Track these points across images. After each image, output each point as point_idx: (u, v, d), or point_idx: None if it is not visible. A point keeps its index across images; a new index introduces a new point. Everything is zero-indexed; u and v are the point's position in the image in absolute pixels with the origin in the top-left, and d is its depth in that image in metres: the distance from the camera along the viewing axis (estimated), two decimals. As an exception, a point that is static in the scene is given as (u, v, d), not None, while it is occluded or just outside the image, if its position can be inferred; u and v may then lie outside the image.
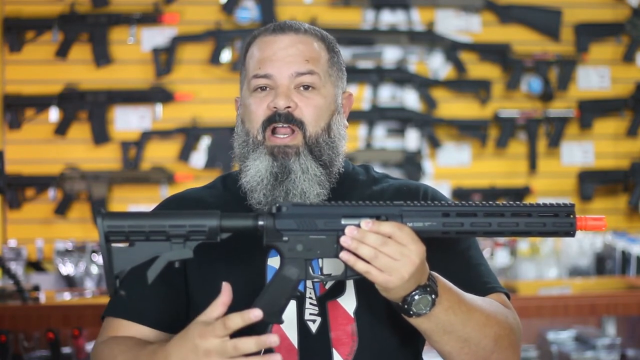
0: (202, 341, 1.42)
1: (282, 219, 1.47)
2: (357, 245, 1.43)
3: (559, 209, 1.50)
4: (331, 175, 1.67)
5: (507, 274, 4.07)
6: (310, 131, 1.64)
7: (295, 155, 1.63)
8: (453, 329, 1.50)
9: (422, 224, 1.48)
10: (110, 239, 1.44)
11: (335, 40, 1.76)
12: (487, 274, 1.67)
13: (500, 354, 1.56)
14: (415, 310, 1.47)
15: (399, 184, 1.74)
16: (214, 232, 1.45)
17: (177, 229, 1.44)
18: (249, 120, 1.66)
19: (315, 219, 1.47)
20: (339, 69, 1.73)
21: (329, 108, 1.68)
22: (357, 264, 1.43)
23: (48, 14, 4.26)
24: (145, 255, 1.45)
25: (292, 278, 1.48)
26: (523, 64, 4.40)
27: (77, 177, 4.22)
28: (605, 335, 3.57)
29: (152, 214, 1.49)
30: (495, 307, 1.59)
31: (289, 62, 1.65)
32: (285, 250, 1.48)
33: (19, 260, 4.01)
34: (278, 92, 1.64)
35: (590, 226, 1.50)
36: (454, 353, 1.54)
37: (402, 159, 4.34)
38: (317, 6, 4.38)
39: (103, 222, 1.43)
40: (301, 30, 1.69)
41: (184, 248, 1.45)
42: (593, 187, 4.40)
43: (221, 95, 4.23)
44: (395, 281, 1.43)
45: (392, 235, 1.43)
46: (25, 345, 3.29)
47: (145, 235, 1.44)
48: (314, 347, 1.61)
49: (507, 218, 1.49)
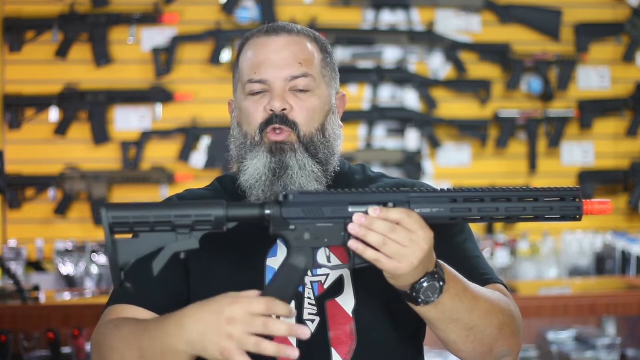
0: (231, 307, 1.39)
1: (289, 207, 1.45)
2: (365, 233, 1.41)
3: (565, 193, 1.49)
4: (327, 172, 1.68)
5: (507, 274, 4.07)
6: (304, 131, 1.65)
7: (291, 152, 1.64)
8: (459, 317, 1.50)
9: (430, 210, 1.46)
10: (115, 230, 1.41)
11: (335, 40, 1.77)
12: (484, 265, 1.68)
13: (504, 342, 1.56)
14: (423, 297, 1.46)
15: (395, 183, 1.74)
16: (221, 221, 1.43)
17: (182, 219, 1.42)
18: (247, 123, 1.68)
19: (322, 207, 1.45)
20: (332, 69, 1.73)
21: (324, 109, 1.69)
22: (366, 252, 1.42)
23: (48, 14, 4.26)
24: (151, 247, 1.42)
25: (300, 267, 1.46)
26: (523, 64, 4.40)
27: (77, 177, 4.22)
28: (605, 335, 3.57)
29: (156, 204, 1.46)
30: (497, 295, 1.59)
31: (283, 66, 1.66)
32: (292, 239, 1.46)
33: (19, 260, 4.01)
34: (274, 94, 1.65)
35: (597, 210, 1.49)
36: (459, 342, 1.54)
37: (402, 159, 4.34)
38: (317, 6, 4.38)
39: (107, 213, 1.41)
40: (294, 31, 1.70)
41: (190, 238, 1.42)
42: (593, 187, 4.40)
43: (221, 95, 4.23)
44: (405, 268, 1.42)
45: (401, 222, 1.42)
46: (25, 345, 3.29)
47: (150, 226, 1.41)
48: (313, 347, 1.61)
49: (514, 203, 1.48)
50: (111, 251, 1.40)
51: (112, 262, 1.40)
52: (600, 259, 4.20)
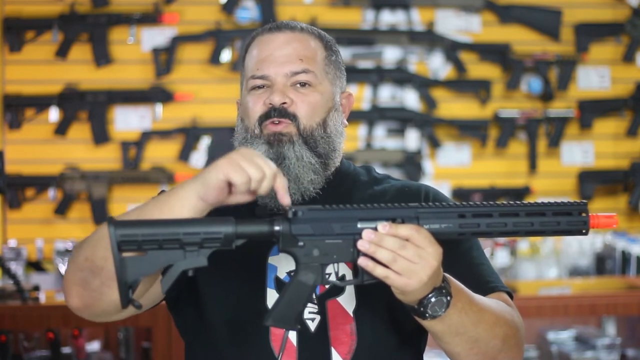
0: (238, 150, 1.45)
1: (298, 223, 1.44)
2: (375, 249, 1.41)
3: (572, 208, 1.50)
4: (327, 166, 1.68)
5: (507, 274, 4.07)
6: (304, 124, 1.66)
7: (289, 143, 1.64)
8: (465, 329, 1.50)
9: (439, 226, 1.46)
10: (122, 248, 1.37)
11: (335, 40, 1.77)
12: (489, 273, 1.68)
13: (508, 353, 1.57)
14: (430, 312, 1.46)
15: (401, 185, 1.75)
16: (230, 239, 1.41)
17: (191, 237, 1.39)
18: (247, 117, 1.69)
19: (331, 223, 1.45)
20: (337, 68, 1.74)
21: (326, 105, 1.69)
22: (376, 270, 1.42)
23: (48, 14, 4.26)
24: (159, 264, 1.40)
25: (309, 284, 1.45)
26: (523, 64, 4.40)
27: (77, 177, 4.22)
28: (605, 335, 3.57)
29: (164, 221, 1.43)
30: (501, 306, 1.59)
31: (283, 62, 1.67)
32: (301, 256, 1.45)
33: (19, 260, 4.01)
34: (274, 89, 1.66)
35: (603, 224, 1.51)
36: (463, 354, 1.54)
37: (402, 159, 4.34)
38: (317, 6, 4.38)
39: (116, 231, 1.37)
40: (297, 28, 1.71)
41: (199, 256, 1.40)
42: (593, 187, 4.40)
43: (221, 95, 4.23)
44: (414, 284, 1.42)
45: (410, 238, 1.42)
46: (25, 345, 3.29)
47: (159, 244, 1.38)
48: (313, 346, 1.61)
49: (522, 218, 1.49)
50: (119, 269, 1.37)
51: (120, 281, 1.37)
52: (600, 259, 4.20)
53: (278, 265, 1.65)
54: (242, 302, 1.65)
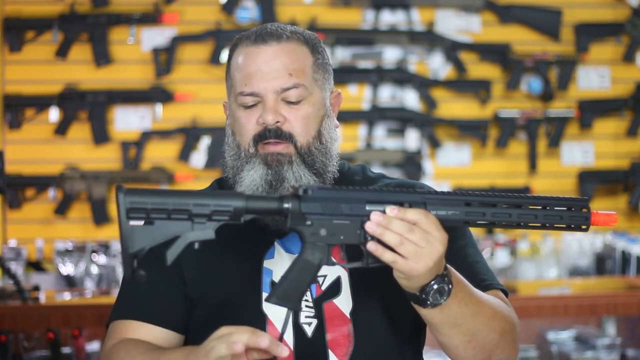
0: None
1: (308, 202, 1.44)
2: (382, 232, 1.41)
3: (574, 203, 1.53)
4: (325, 181, 1.67)
5: (507, 274, 4.07)
6: (301, 142, 1.64)
7: (288, 164, 1.63)
8: (463, 321, 1.50)
9: (445, 212, 1.47)
10: (131, 215, 1.36)
11: (335, 40, 1.76)
12: (484, 270, 1.68)
13: (504, 349, 1.57)
14: (432, 300, 1.46)
15: (395, 183, 1.74)
16: (239, 212, 1.40)
17: (201, 208, 1.38)
18: (240, 134, 1.66)
19: (340, 204, 1.45)
20: (325, 70, 1.70)
21: (318, 114, 1.67)
22: (385, 254, 1.41)
23: (48, 14, 4.26)
24: (166, 235, 1.38)
25: (314, 263, 1.44)
26: (523, 64, 4.40)
27: (77, 177, 4.22)
28: (605, 335, 3.57)
29: (174, 191, 1.42)
30: (498, 302, 1.60)
31: (272, 77, 1.63)
32: (308, 235, 1.44)
33: (19, 260, 4.01)
34: (265, 107, 1.63)
35: (602, 221, 1.54)
36: (461, 347, 1.54)
37: (402, 159, 4.34)
38: (317, 6, 4.38)
39: (125, 198, 1.36)
40: (283, 37, 1.66)
41: (206, 229, 1.39)
42: (593, 187, 4.40)
43: (221, 95, 4.17)
44: (420, 269, 1.41)
45: (418, 222, 1.42)
46: (25, 345, 3.29)
47: (168, 213, 1.37)
48: (310, 350, 1.61)
49: (525, 210, 1.50)
50: (125, 238, 1.35)
51: (125, 249, 1.35)
52: (600, 259, 4.20)
53: (273, 269, 1.64)
54: (237, 305, 1.64)
